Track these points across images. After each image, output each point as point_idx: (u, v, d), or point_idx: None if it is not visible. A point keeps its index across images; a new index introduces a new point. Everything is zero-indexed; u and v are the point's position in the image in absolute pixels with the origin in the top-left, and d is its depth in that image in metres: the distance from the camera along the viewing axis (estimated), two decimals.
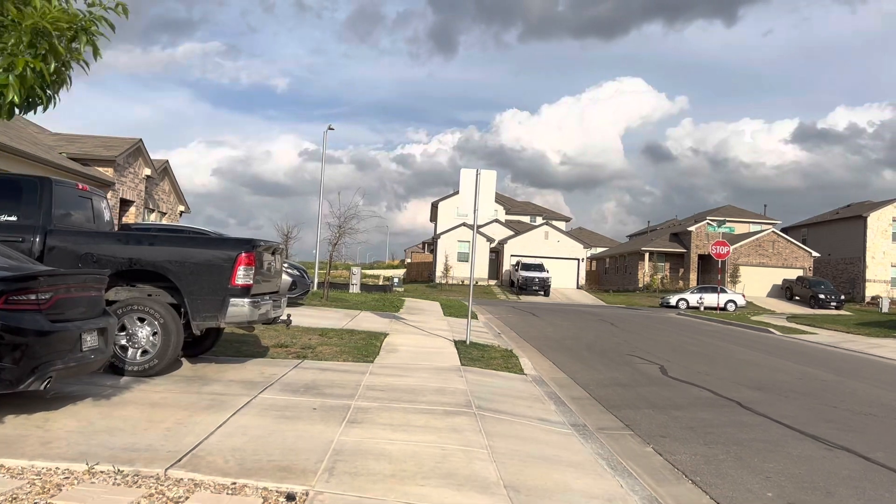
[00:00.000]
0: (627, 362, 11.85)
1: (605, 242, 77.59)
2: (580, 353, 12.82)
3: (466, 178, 12.06)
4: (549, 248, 51.80)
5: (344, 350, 10.46)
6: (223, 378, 7.57)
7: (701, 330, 20.38)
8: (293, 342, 11.03)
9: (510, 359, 10.88)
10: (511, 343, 13.94)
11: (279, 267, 9.12)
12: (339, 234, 19.64)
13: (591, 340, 15.19)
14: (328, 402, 6.63)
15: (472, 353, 11.13)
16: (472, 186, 11.99)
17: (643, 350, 13.67)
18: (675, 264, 53.87)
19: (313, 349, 10.43)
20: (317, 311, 16.63)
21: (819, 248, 51.39)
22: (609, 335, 16.61)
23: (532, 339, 15.15)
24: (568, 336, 15.94)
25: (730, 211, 58.73)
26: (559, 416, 7.33)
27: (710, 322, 24.90)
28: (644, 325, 20.55)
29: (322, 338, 11.76)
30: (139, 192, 20.40)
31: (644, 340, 15.72)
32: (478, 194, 11.94)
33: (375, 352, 10.49)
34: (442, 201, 58.94)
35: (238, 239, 7.87)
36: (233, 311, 7.44)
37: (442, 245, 52.16)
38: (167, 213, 24.02)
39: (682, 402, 8.52)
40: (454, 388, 7.93)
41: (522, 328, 17.72)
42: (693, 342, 15.94)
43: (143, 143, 19.73)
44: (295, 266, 16.80)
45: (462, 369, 9.44)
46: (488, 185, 12.05)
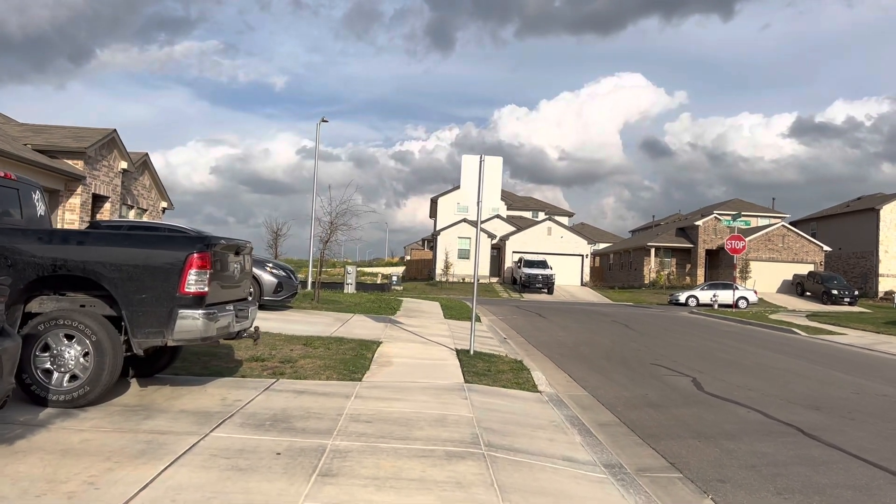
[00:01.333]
0: (653, 374, 10.42)
1: (607, 238, 76.21)
2: (598, 363, 11.39)
3: (469, 164, 10.63)
4: (552, 244, 50.36)
5: (329, 364, 9.03)
6: (173, 407, 6.14)
7: (721, 331, 18.95)
8: (272, 354, 9.61)
9: (521, 372, 9.45)
10: (519, 351, 12.51)
11: (248, 269, 7.69)
12: (330, 230, 18.20)
13: (607, 346, 13.76)
14: (298, 443, 5.20)
15: (477, 365, 9.70)
16: (475, 174, 10.55)
17: (667, 358, 12.24)
18: (681, 260, 52.44)
19: (293, 363, 9.01)
20: (305, 315, 15.20)
21: (829, 242, 49.97)
22: (626, 339, 15.18)
23: (542, 345, 13.72)
24: (581, 341, 14.51)
25: (737, 205, 57.29)
26: (588, 453, 5.90)
27: (728, 322, 23.47)
28: (660, 327, 19.12)
29: (306, 348, 10.34)
30: (114, 188, 18.93)
31: (665, 345, 14.28)
32: (482, 183, 10.50)
33: (365, 366, 9.06)
34: (441, 197, 57.52)
35: (189, 237, 6.43)
36: (182, 325, 6.00)
37: (442, 242, 50.72)
38: (148, 210, 22.57)
39: (731, 429, 7.09)
40: (457, 417, 6.49)
41: (530, 332, 16.29)
42: (718, 347, 14.51)
43: (117, 133, 18.26)
44: (280, 266, 15.37)
45: (466, 388, 8.00)
46: (493, 172, 10.61)
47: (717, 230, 50.67)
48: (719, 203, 58.84)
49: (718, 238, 50.42)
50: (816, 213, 56.88)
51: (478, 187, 10.53)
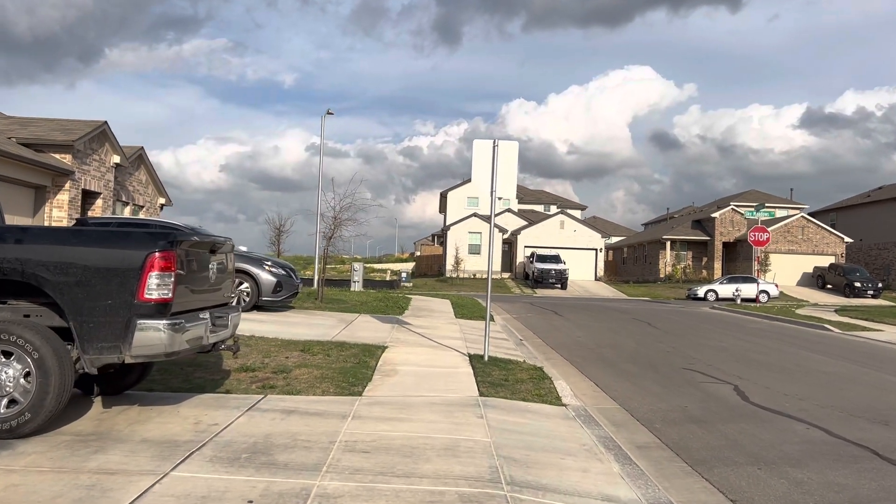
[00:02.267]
0: (688, 380, 9.37)
1: (619, 231, 74.90)
2: (625, 368, 10.35)
3: (481, 151, 9.59)
4: (564, 238, 49.22)
5: (326, 375, 8.05)
6: (135, 435, 5.17)
7: (750, 329, 17.82)
8: (264, 363, 8.65)
9: (542, 381, 8.43)
10: (537, 354, 11.48)
11: (229, 269, 6.70)
12: (334, 225, 17.20)
13: (632, 348, 12.71)
14: (276, 485, 4.21)
15: (493, 373, 8.69)
16: (487, 161, 9.51)
17: (700, 361, 11.18)
18: (697, 253, 51.17)
19: (287, 374, 8.05)
20: (307, 316, 14.24)
21: (849, 233, 48.54)
22: (651, 339, 14.11)
23: (561, 347, 12.68)
24: (603, 342, 13.45)
25: (754, 196, 55.90)
26: (631, 488, 4.88)
27: (754, 318, 22.31)
28: (685, 325, 18.01)
29: (303, 355, 9.36)
30: (107, 183, 18.01)
31: (694, 346, 13.20)
32: (495, 171, 9.46)
33: (367, 376, 8.06)
34: (451, 191, 56.47)
35: (151, 233, 5.44)
36: (142, 338, 5.03)
37: (452, 237, 49.68)
38: (145, 207, 21.65)
39: (793, 451, 6.04)
40: (472, 442, 5.48)
41: (547, 332, 15.25)
42: (752, 347, 13.41)
43: (108, 126, 17.32)
44: (280, 264, 14.40)
45: (481, 402, 6.99)
46: (508, 159, 9.57)
47: (734, 222, 49.35)
48: (736, 194, 57.45)
49: (736, 230, 49.11)
50: (836, 204, 55.43)
51: (491, 176, 9.49)
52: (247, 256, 14.05)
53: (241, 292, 13.63)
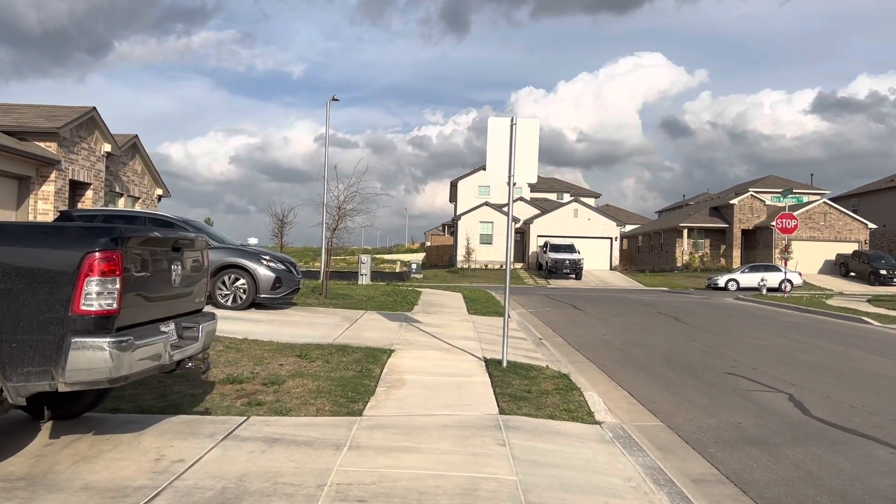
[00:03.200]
0: (734, 388, 8.27)
1: (632, 219, 73.50)
2: (660, 373, 9.26)
3: (497, 130, 8.49)
4: (578, 226, 48.00)
5: (323, 387, 7.02)
6: (76, 479, 4.16)
7: (784, 323, 16.65)
8: (254, 373, 7.64)
9: (569, 393, 7.36)
10: (560, 357, 10.42)
11: (203, 268, 5.68)
12: (338, 216, 16.17)
13: (663, 347, 11.61)
14: None
15: (513, 383, 7.63)
16: (504, 143, 8.42)
17: (742, 363, 10.07)
18: (715, 241, 49.81)
19: (279, 386, 7.04)
20: (308, 314, 13.23)
21: (872, 219, 46.99)
22: (682, 337, 12.99)
23: (585, 347, 11.61)
24: (631, 341, 12.36)
25: (773, 181, 54.42)
26: None
27: (784, 310, 21.10)
28: (715, 320, 16.85)
29: (300, 361, 8.35)
30: (97, 173, 17.00)
31: (731, 344, 12.08)
32: (514, 154, 8.36)
33: (369, 389, 7.03)
34: (461, 180, 55.34)
35: (89, 227, 4.40)
36: (79, 360, 4.00)
37: (463, 227, 48.58)
38: (141, 198, 20.65)
39: (885, 487, 4.96)
40: (495, 484, 4.43)
41: (568, 329, 14.17)
42: (794, 345, 12.27)
43: (97, 112, 16.28)
44: (279, 258, 13.38)
45: (502, 423, 5.94)
46: (529, 139, 8.47)
47: (753, 209, 47.94)
48: (754, 180, 55.93)
49: (756, 217, 47.71)
50: (857, 189, 53.84)
51: (508, 160, 8.40)
52: (242, 251, 13.05)
53: (237, 289, 12.64)
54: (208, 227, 13.76)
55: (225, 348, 9.02)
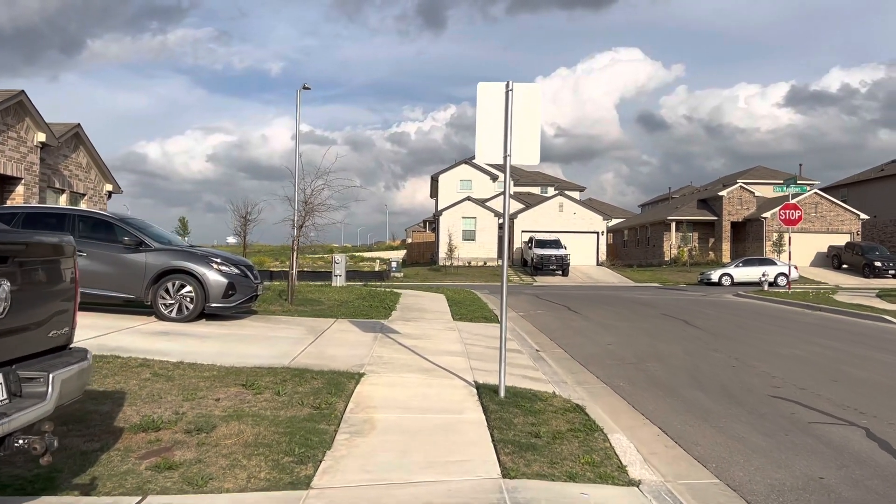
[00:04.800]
0: (792, 420, 6.59)
1: (616, 213, 72.20)
2: (692, 398, 7.56)
3: (488, 98, 6.72)
4: (564, 221, 46.44)
5: (264, 438, 5.24)
6: None
7: (803, 325, 15.05)
8: (179, 414, 5.84)
9: (590, 435, 5.63)
10: (566, 376, 8.70)
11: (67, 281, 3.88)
12: (304, 211, 14.34)
13: (683, 361, 9.93)
14: None
15: (516, 421, 5.90)
16: (498, 114, 6.66)
17: (784, 381, 8.41)
18: (703, 234, 48.54)
19: (206, 435, 5.28)
20: (268, 324, 11.39)
21: (863, 209, 45.92)
22: (699, 346, 11.33)
23: (593, 361, 9.90)
24: (643, 352, 10.66)
25: (761, 172, 53.28)
26: None
27: (793, 308, 19.55)
28: (726, 321, 15.23)
29: (243, 393, 6.57)
30: (29, 166, 14.96)
31: (759, 354, 10.43)
32: (510, 127, 6.61)
33: (326, 440, 5.26)
34: (442, 174, 53.54)
35: None
36: None
37: (444, 222, 46.80)
38: (87, 195, 18.60)
39: None
40: None
41: (567, 337, 12.46)
42: (834, 354, 10.61)
43: (26, 96, 14.21)
44: (233, 260, 11.53)
45: (508, 495, 4.19)
46: (529, 109, 6.72)
47: (742, 200, 46.69)
48: (742, 171, 54.75)
49: (745, 209, 46.47)
50: (846, 179, 52.80)
51: (504, 134, 6.64)
52: (189, 252, 11.18)
53: (182, 298, 10.78)
54: (151, 227, 11.86)
55: (152, 376, 7.19)
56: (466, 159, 54.84)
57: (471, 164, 54.14)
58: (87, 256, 10.83)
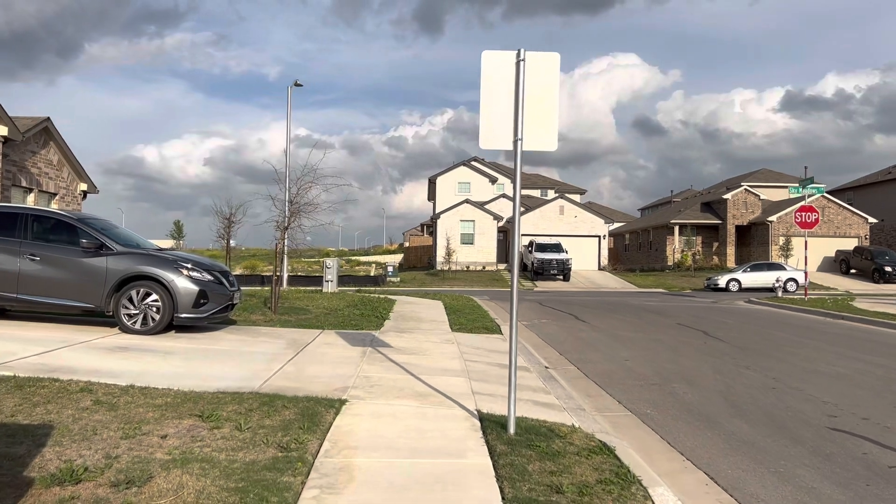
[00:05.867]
0: (867, 462, 5.41)
1: (616, 217, 71.08)
2: (736, 430, 6.37)
3: (495, 71, 5.55)
4: (565, 224, 45.26)
5: (209, 497, 4.05)
6: None
7: (833, 336, 13.83)
8: (111, 459, 4.68)
9: (626, 489, 4.46)
10: (582, 400, 7.51)
11: None
12: (290, 212, 13.17)
13: (715, 381, 8.74)
14: None
15: (530, 469, 4.71)
16: (506, 89, 5.49)
17: (839, 408, 7.22)
18: (707, 238, 47.39)
19: (138, 490, 4.16)
20: (245, 337, 10.19)
21: (869, 213, 44.80)
22: (728, 363, 10.14)
23: (611, 381, 8.71)
24: (666, 370, 9.48)
25: (766, 175, 52.18)
26: None
27: (815, 317, 18.34)
28: (749, 332, 14.02)
29: (198, 427, 5.39)
30: None
31: (799, 373, 9.23)
32: (522, 105, 5.44)
33: (288, 501, 4.06)
34: (440, 176, 52.37)
35: None
36: None
37: (442, 226, 45.62)
38: (59, 195, 17.36)
39: None
40: None
41: (578, 351, 11.28)
42: (888, 374, 9.44)
43: None
44: (205, 265, 10.34)
45: None
46: (545, 84, 5.55)
47: (747, 204, 45.57)
48: (746, 174, 53.63)
49: (750, 212, 45.35)
50: (852, 182, 51.74)
51: (514, 114, 5.47)
52: (156, 257, 9.99)
53: (148, 307, 9.59)
54: (115, 228, 10.68)
55: (92, 405, 6.01)
56: (465, 161, 53.69)
57: (469, 166, 52.99)
58: (41, 261, 9.66)
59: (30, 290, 9.60)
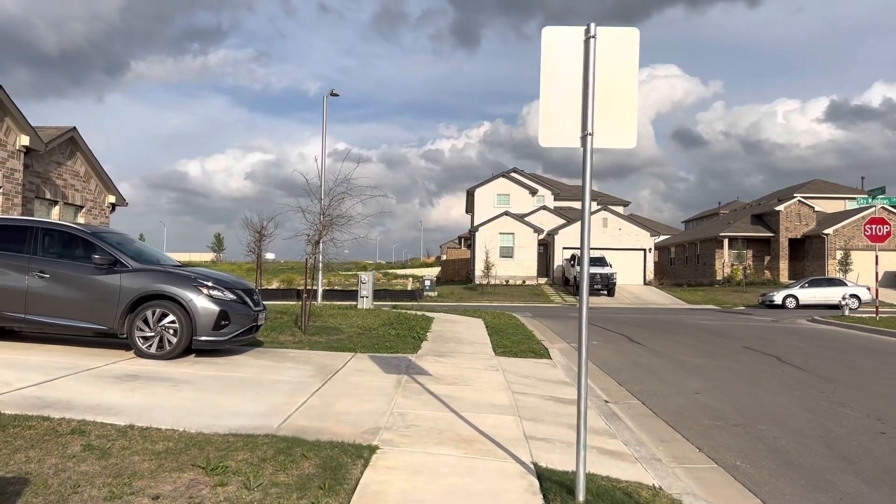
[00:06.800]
0: None
1: (659, 229, 69.07)
2: (858, 493, 5.17)
3: (559, 50, 4.52)
4: (608, 237, 43.78)
5: None
6: None
7: None
8: None
9: None
10: (654, 444, 6.37)
11: None
12: (322, 225, 12.31)
13: (808, 422, 7.48)
14: None
15: None
16: (573, 73, 4.46)
17: None
18: (758, 252, 45.37)
19: None
20: (270, 362, 9.26)
21: None
22: (816, 396, 8.84)
23: (683, 420, 7.53)
24: (746, 405, 8.24)
25: (819, 186, 49.91)
26: None
27: None
28: (828, 358, 12.60)
29: (198, 482, 4.46)
30: (10, 173, 12.99)
31: None
32: (592, 91, 4.40)
33: None
34: (479, 188, 51.37)
35: None
36: None
37: (481, 238, 44.55)
38: (86, 207, 16.82)
39: None
40: None
41: (638, 380, 10.09)
42: None
43: (5, 92, 12.39)
44: (227, 282, 9.48)
45: None
46: (622, 64, 4.50)
47: (801, 216, 43.50)
48: (798, 185, 51.43)
49: (804, 225, 43.27)
50: None
51: (584, 101, 4.43)
52: (173, 274, 9.16)
53: (164, 329, 8.75)
54: (131, 243, 9.91)
55: (82, 451, 5.13)
56: (504, 172, 52.64)
57: (508, 177, 51.92)
58: (50, 278, 8.90)
59: (38, 310, 8.85)
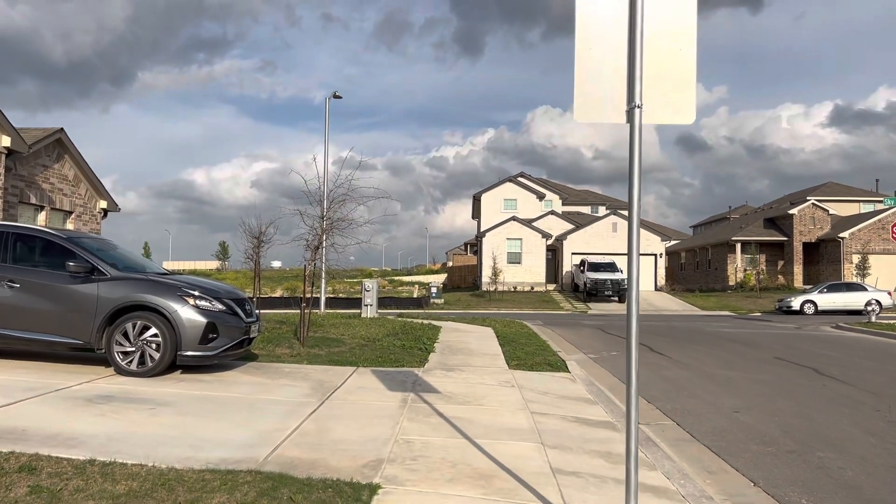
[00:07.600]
0: None
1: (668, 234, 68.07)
2: None
3: (596, 11, 3.66)
4: (618, 242, 42.88)
5: None
6: None
7: None
8: None
9: None
10: (701, 479, 5.51)
11: None
12: (321, 231, 11.49)
13: (873, 448, 6.58)
14: None
15: None
16: (616, 32, 3.61)
17: None
18: (771, 256, 44.39)
19: None
20: (263, 379, 8.43)
21: None
22: (870, 415, 7.92)
23: (730, 446, 6.66)
24: (797, 428, 7.36)
25: (833, 189, 48.91)
26: None
27: None
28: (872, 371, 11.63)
29: None
30: None
31: None
32: (641, 53, 3.55)
33: None
34: (485, 193, 50.54)
35: None
36: None
37: (487, 244, 43.69)
38: (75, 212, 16.04)
39: None
40: None
41: (671, 398, 9.19)
42: None
43: None
44: (214, 290, 8.65)
45: None
46: (678, 21, 3.64)
47: (815, 219, 42.52)
48: (811, 188, 50.44)
49: (818, 228, 42.29)
50: None
51: (630, 68, 3.59)
52: (156, 282, 8.34)
53: (146, 343, 7.93)
54: (113, 249, 9.11)
55: (26, 495, 4.31)
56: (511, 177, 51.82)
57: (515, 182, 51.08)
58: (21, 288, 8.09)
59: (7, 323, 8.04)
